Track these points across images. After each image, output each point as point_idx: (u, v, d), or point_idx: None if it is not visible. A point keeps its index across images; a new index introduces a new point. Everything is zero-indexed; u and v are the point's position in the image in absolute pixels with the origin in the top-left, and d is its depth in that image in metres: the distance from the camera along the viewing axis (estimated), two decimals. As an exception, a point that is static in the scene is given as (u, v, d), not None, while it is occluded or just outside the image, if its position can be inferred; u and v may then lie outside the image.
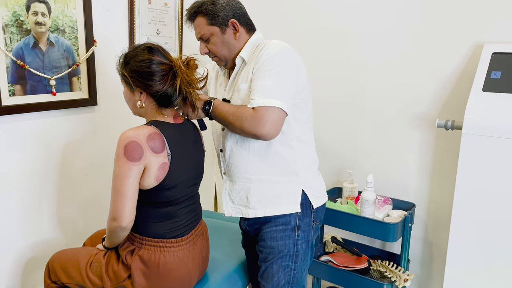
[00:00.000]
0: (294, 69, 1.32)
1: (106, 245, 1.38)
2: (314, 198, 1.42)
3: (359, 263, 1.87)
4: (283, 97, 1.25)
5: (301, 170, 1.40)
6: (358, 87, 2.06)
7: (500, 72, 1.54)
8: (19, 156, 1.66)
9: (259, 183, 1.39)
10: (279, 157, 1.37)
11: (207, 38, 1.40)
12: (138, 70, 1.27)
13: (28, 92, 1.63)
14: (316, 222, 1.46)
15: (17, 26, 1.56)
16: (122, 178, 1.21)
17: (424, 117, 1.90)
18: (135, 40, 2.03)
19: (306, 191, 1.41)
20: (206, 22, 1.37)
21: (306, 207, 1.41)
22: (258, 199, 1.40)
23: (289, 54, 1.33)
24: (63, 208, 1.86)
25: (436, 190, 1.93)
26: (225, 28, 1.38)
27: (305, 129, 1.42)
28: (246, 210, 1.43)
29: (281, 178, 1.39)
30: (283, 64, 1.30)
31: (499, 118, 1.46)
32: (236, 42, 1.40)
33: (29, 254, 1.76)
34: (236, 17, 1.38)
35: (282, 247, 1.39)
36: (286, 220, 1.39)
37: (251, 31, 1.44)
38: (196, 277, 1.41)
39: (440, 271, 1.95)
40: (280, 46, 1.32)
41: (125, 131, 1.22)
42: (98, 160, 1.95)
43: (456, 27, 1.77)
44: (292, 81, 1.30)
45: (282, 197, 1.39)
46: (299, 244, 1.40)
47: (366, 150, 2.09)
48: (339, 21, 2.06)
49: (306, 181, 1.42)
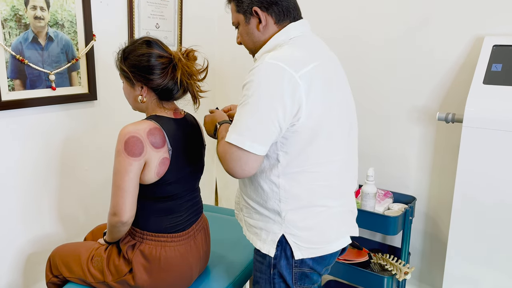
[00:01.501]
0: (283, 100, 1.02)
1: (107, 240, 1.38)
2: (298, 248, 1.15)
3: (359, 257, 1.87)
4: (260, 140, 1.03)
5: (285, 212, 1.14)
6: (358, 80, 2.05)
7: (501, 65, 1.54)
8: (19, 151, 1.66)
9: (249, 206, 1.24)
10: (261, 189, 1.17)
11: (237, 26, 1.24)
12: (137, 64, 1.26)
13: (27, 87, 1.62)
14: (302, 269, 1.18)
15: (16, 20, 1.55)
16: (123, 173, 1.20)
17: (425, 110, 1.90)
18: (134, 34, 2.02)
19: (288, 237, 1.15)
20: (235, 9, 1.21)
21: (286, 249, 1.17)
22: (247, 221, 1.27)
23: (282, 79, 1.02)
24: (63, 202, 1.86)
25: (436, 184, 1.93)
26: (250, 17, 1.18)
27: (302, 163, 1.12)
28: (242, 224, 1.33)
29: (264, 212, 1.19)
30: (269, 94, 1.03)
31: (500, 111, 1.46)
32: (260, 34, 1.18)
33: (30, 248, 1.77)
34: (263, 5, 1.15)
35: (260, 279, 1.25)
36: (263, 254, 1.21)
37: (282, 21, 1.17)
38: (197, 271, 1.41)
39: (440, 264, 1.96)
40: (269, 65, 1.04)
41: (125, 126, 1.22)
42: (98, 155, 1.95)
43: (457, 20, 1.76)
44: (275, 117, 1.03)
45: (262, 231, 1.20)
46: (275, 282, 1.20)
47: (367, 143, 2.09)
48: (337, 16, 2.06)
49: (291, 227, 1.15)
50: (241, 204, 1.30)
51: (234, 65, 2.52)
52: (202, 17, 2.43)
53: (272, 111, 1.02)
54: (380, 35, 1.96)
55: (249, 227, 1.26)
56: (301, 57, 1.08)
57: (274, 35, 1.17)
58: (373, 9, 1.96)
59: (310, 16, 2.16)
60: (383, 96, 2.00)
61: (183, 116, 1.37)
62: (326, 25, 2.09)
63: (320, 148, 1.12)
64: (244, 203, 1.27)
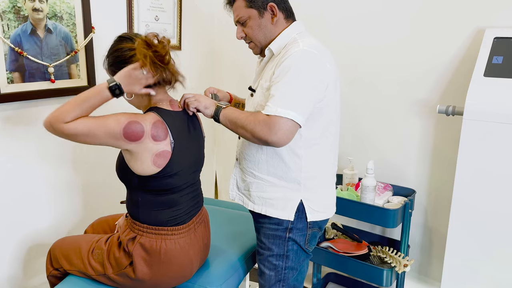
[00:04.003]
0: (317, 79, 1.26)
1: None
2: (311, 211, 1.38)
3: (359, 249, 1.88)
4: (300, 109, 1.20)
5: (304, 180, 1.36)
6: (358, 73, 2.05)
7: (501, 57, 1.53)
8: (18, 144, 1.66)
9: (261, 181, 1.39)
10: (283, 163, 1.34)
11: (244, 21, 1.38)
12: (114, 61, 1.29)
13: (26, 80, 1.62)
14: (314, 229, 1.42)
15: (15, 12, 1.54)
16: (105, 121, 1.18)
17: (425, 103, 1.90)
18: (133, 27, 2.01)
19: (305, 202, 1.37)
20: (245, 5, 1.35)
21: (302, 214, 1.38)
22: (258, 195, 1.40)
23: (315, 61, 1.26)
24: (63, 195, 1.86)
25: (436, 176, 1.93)
26: (264, 12, 1.35)
27: (318, 135, 1.34)
28: (247, 201, 1.44)
29: (283, 183, 1.36)
30: (307, 73, 1.24)
31: (500, 104, 1.45)
32: (273, 27, 1.37)
33: (30, 242, 1.77)
34: (276, 1, 1.35)
35: (273, 245, 1.40)
36: (279, 221, 1.38)
37: (289, 17, 1.40)
38: (197, 264, 1.42)
39: (440, 256, 1.96)
40: (307, 52, 1.26)
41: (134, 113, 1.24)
42: (98, 148, 1.95)
43: (458, 12, 1.75)
44: (312, 92, 1.25)
45: (279, 201, 1.37)
46: (289, 245, 1.39)
47: (367, 136, 2.09)
48: (338, 7, 2.04)
49: (308, 192, 1.37)
50: (246, 183, 1.43)
51: (234, 57, 2.51)
52: (202, 10, 2.42)
53: (312, 88, 1.24)
54: (380, 28, 1.95)
55: (262, 200, 1.40)
56: (322, 48, 1.31)
57: (285, 30, 1.37)
58: (374, 1, 1.94)
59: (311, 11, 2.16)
60: (383, 88, 1.99)
61: (182, 108, 1.37)
62: (326, 17, 2.08)
63: (331, 125, 1.37)
64: (254, 180, 1.40)
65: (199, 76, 2.49)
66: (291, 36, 1.36)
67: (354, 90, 2.08)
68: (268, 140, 1.20)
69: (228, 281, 1.46)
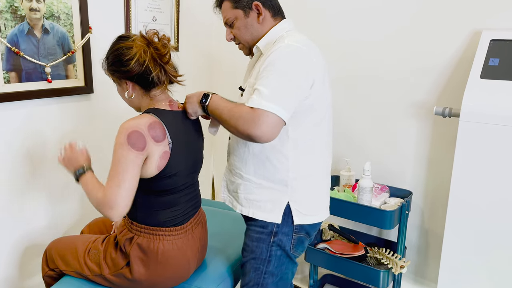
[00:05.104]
0: (303, 73, 1.22)
1: (82, 184, 1.30)
2: (298, 214, 1.33)
3: (356, 251, 1.88)
4: (284, 104, 1.16)
5: (291, 181, 1.31)
6: (355, 74, 2.05)
7: (498, 59, 1.54)
8: (15, 144, 1.65)
9: (248, 182, 1.35)
10: (270, 163, 1.31)
11: (232, 23, 1.37)
12: (113, 61, 1.28)
13: (23, 80, 1.61)
14: (300, 234, 1.37)
15: (12, 12, 1.54)
16: (125, 165, 1.17)
17: (422, 105, 1.90)
18: (131, 27, 2.01)
19: (291, 205, 1.32)
20: (231, 6, 1.35)
21: (289, 217, 1.33)
22: (246, 197, 1.37)
23: (300, 56, 1.23)
24: (59, 196, 1.85)
25: (433, 178, 1.93)
26: (249, 11, 1.33)
27: (306, 135, 1.31)
28: (236, 203, 1.41)
29: (270, 185, 1.32)
30: (293, 68, 1.20)
31: (496, 105, 1.46)
32: (259, 26, 1.35)
33: (26, 242, 1.76)
34: (261, 0, 1.33)
35: (256, 248, 1.36)
36: (265, 224, 1.34)
37: (276, 15, 1.37)
38: (194, 265, 1.41)
39: (436, 258, 1.97)
40: (293, 47, 1.23)
41: (125, 122, 1.21)
42: (94, 149, 1.93)
43: (454, 14, 1.76)
44: (297, 87, 1.20)
45: (267, 203, 1.33)
46: (273, 250, 1.35)
47: (363, 138, 2.09)
48: (334, 10, 2.05)
49: (295, 194, 1.33)
50: (235, 184, 1.40)
51: (232, 58, 2.51)
52: (199, 10, 2.42)
53: (297, 83, 1.20)
54: (377, 30, 1.95)
55: (249, 202, 1.36)
56: (310, 44, 1.28)
57: (272, 28, 1.35)
58: (370, 4, 1.95)
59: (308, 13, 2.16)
60: (380, 90, 2.00)
61: (182, 109, 1.37)
62: (324, 20, 2.09)
63: (322, 123, 1.34)
64: (242, 181, 1.37)
65: (197, 76, 2.49)
66: (278, 34, 1.33)
67: (351, 91, 2.08)
68: (251, 134, 1.14)
69: (225, 282, 1.46)
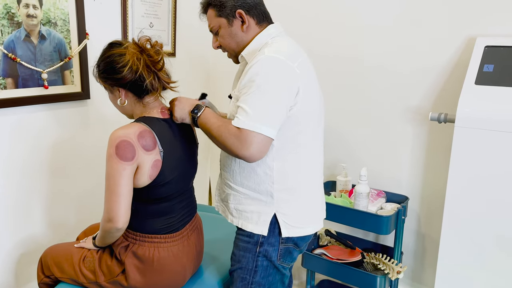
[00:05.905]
0: (285, 86, 1.18)
1: (97, 245, 1.37)
2: (286, 226, 1.29)
3: (352, 256, 1.88)
4: (269, 122, 1.14)
5: (277, 193, 1.28)
6: (351, 81, 2.06)
7: (492, 65, 1.55)
8: (10, 150, 1.65)
9: (237, 193, 1.33)
10: (255, 174, 1.28)
11: (216, 31, 1.35)
12: (105, 68, 1.27)
13: (20, 86, 1.61)
14: (288, 244, 1.33)
15: (8, 18, 1.54)
16: (116, 177, 1.19)
17: (417, 111, 1.91)
18: (128, 33, 2.01)
19: (279, 217, 1.29)
20: (215, 14, 1.32)
21: (275, 229, 1.30)
22: (235, 207, 1.35)
23: (280, 68, 1.18)
24: (55, 203, 1.85)
25: (429, 183, 1.94)
26: (233, 20, 1.30)
27: (293, 144, 1.27)
28: (227, 213, 1.40)
29: (256, 196, 1.30)
30: (274, 83, 1.16)
31: (491, 111, 1.47)
32: (244, 34, 1.31)
33: (22, 249, 1.75)
34: (245, 8, 1.29)
35: (243, 258, 1.34)
36: (251, 234, 1.32)
37: (262, 22, 1.33)
38: (190, 271, 1.41)
39: (432, 263, 1.97)
40: (272, 59, 1.18)
41: (114, 131, 1.21)
42: (91, 155, 1.94)
43: (449, 20, 1.78)
44: (281, 101, 1.17)
45: (253, 214, 1.31)
46: (259, 260, 1.32)
47: (360, 143, 2.10)
48: (332, 15, 2.06)
49: (282, 206, 1.29)
50: (226, 194, 1.38)
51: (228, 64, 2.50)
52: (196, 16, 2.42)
53: (280, 97, 1.17)
54: (373, 37, 1.96)
55: (238, 213, 1.34)
56: (292, 52, 1.24)
57: (257, 35, 1.31)
58: (366, 11, 1.96)
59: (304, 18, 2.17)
60: (376, 96, 2.01)
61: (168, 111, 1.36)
62: (320, 27, 2.10)
63: (308, 132, 1.28)
64: (231, 191, 1.35)
65: (193, 82, 2.49)
66: (264, 41, 1.30)
67: (347, 98, 2.09)
68: (240, 155, 1.14)
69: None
